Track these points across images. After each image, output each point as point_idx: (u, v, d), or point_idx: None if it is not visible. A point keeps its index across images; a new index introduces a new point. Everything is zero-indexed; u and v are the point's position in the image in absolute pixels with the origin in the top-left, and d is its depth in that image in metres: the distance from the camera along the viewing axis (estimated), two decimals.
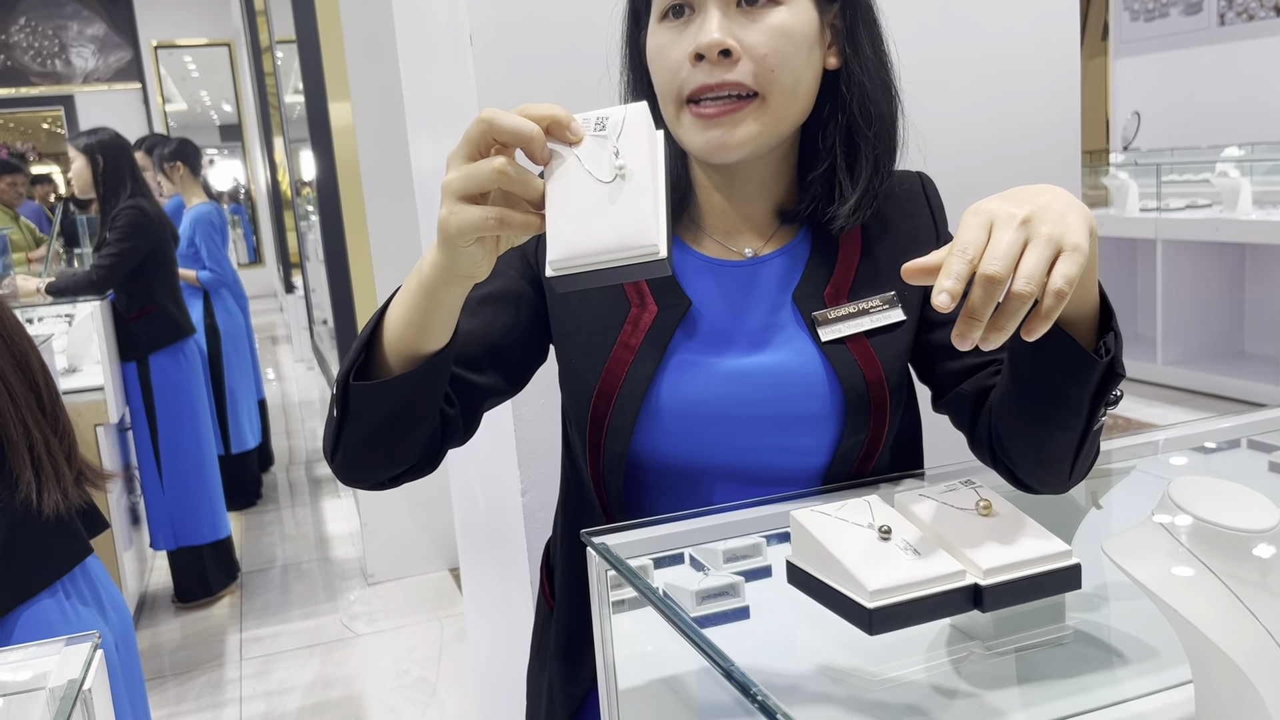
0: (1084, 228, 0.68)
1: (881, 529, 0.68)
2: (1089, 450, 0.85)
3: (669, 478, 0.99)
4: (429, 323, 0.80)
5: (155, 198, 3.64)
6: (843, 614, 0.66)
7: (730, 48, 0.86)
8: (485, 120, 0.69)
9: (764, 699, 0.60)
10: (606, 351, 0.96)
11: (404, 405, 0.84)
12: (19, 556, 1.34)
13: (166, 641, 3.54)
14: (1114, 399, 0.80)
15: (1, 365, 1.37)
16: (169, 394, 3.56)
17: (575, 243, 0.66)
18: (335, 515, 4.69)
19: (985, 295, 0.65)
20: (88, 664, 0.71)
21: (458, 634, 3.40)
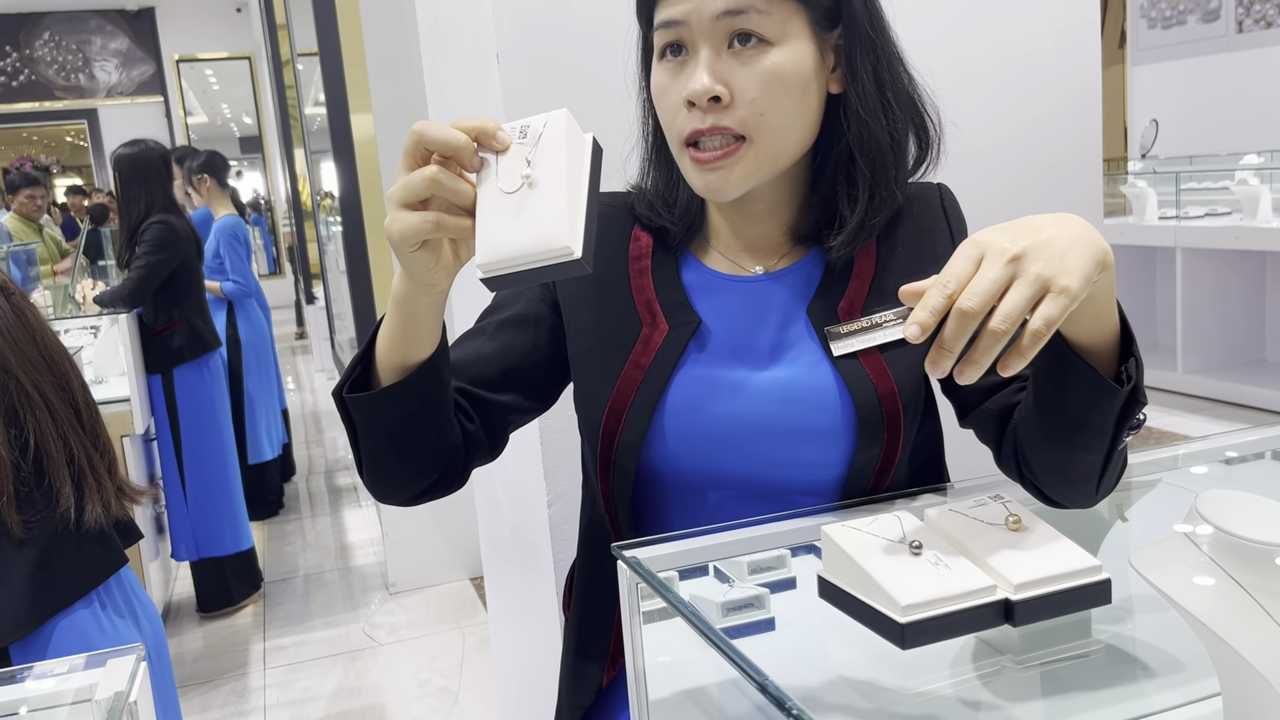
0: (1083, 267, 0.69)
1: (913, 544, 0.69)
2: (1114, 468, 0.85)
3: (683, 493, 1.00)
4: (407, 333, 0.84)
5: (183, 211, 3.68)
6: (874, 628, 0.67)
7: (719, 94, 0.87)
8: (416, 132, 0.73)
9: (799, 713, 0.61)
10: (618, 370, 0.98)
11: (402, 415, 0.87)
12: (56, 567, 1.37)
13: (190, 650, 3.56)
14: (1137, 423, 0.81)
15: (41, 384, 1.40)
16: (193, 406, 3.59)
17: (496, 248, 0.70)
18: (357, 525, 4.72)
19: (957, 328, 0.66)
20: (133, 676, 0.73)
21: (479, 643, 3.41)
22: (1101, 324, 0.77)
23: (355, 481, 5.37)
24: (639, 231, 1.04)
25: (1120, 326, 0.78)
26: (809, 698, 0.78)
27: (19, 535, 1.33)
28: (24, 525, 1.34)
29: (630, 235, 1.04)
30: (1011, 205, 1.68)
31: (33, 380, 1.38)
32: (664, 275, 1.01)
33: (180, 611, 3.89)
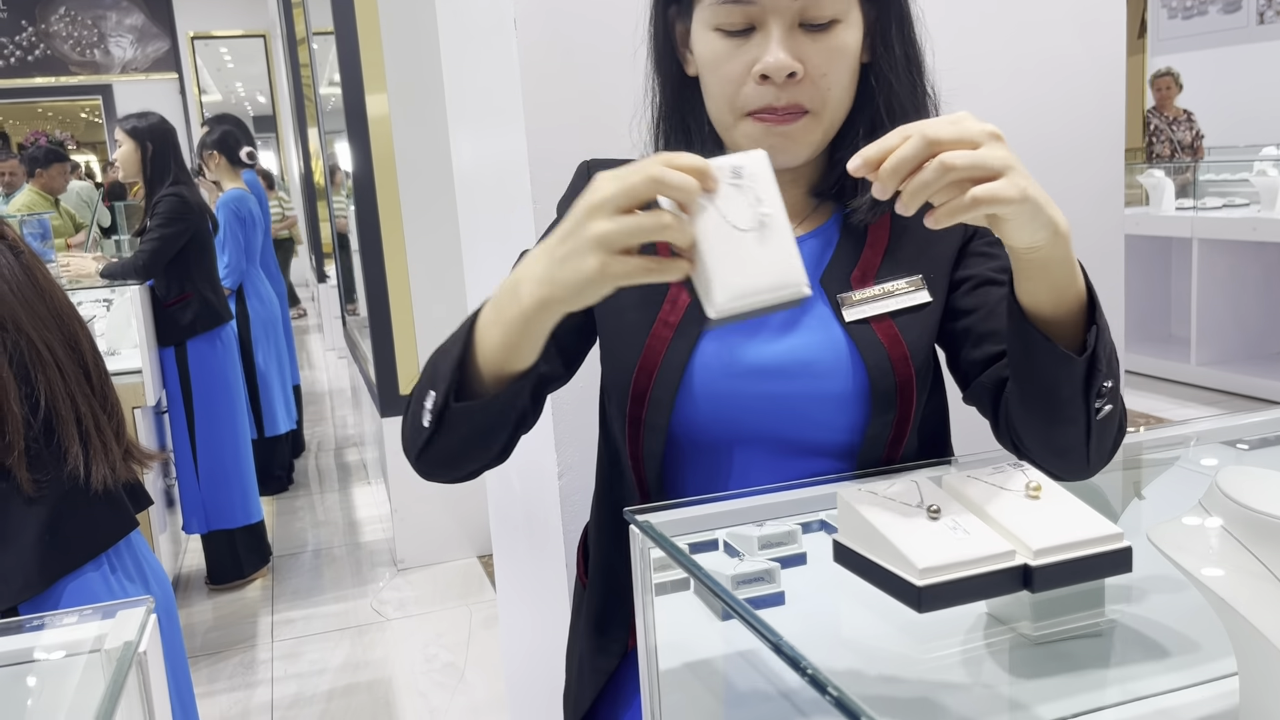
0: (1046, 203, 0.71)
1: (930, 508, 0.68)
2: (1102, 440, 0.85)
3: (704, 451, 1.00)
4: (524, 346, 0.82)
5: (195, 185, 3.68)
6: (891, 592, 0.66)
7: (796, 70, 0.88)
8: (655, 178, 0.70)
9: (814, 673, 0.60)
10: (646, 329, 0.98)
11: (495, 418, 0.87)
12: (66, 528, 1.37)
13: (199, 622, 3.58)
14: (1105, 391, 0.80)
15: (51, 342, 1.39)
16: (205, 379, 3.60)
17: (736, 288, 0.70)
18: (366, 501, 4.73)
19: (912, 150, 0.68)
20: (142, 627, 0.72)
21: (486, 620, 3.42)
22: (1061, 293, 0.78)
23: (365, 458, 5.38)
24: None
25: (1086, 296, 0.79)
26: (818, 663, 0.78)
27: (29, 493, 1.33)
28: (34, 483, 1.34)
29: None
30: None
31: (43, 338, 1.38)
32: None
33: (190, 584, 3.90)
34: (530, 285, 0.77)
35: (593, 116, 1.43)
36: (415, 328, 3.81)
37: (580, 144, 1.41)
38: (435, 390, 0.85)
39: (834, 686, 0.58)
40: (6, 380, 1.32)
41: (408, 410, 0.91)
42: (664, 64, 1.00)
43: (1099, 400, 0.81)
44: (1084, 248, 1.69)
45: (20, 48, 10.70)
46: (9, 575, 1.32)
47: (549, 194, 1.39)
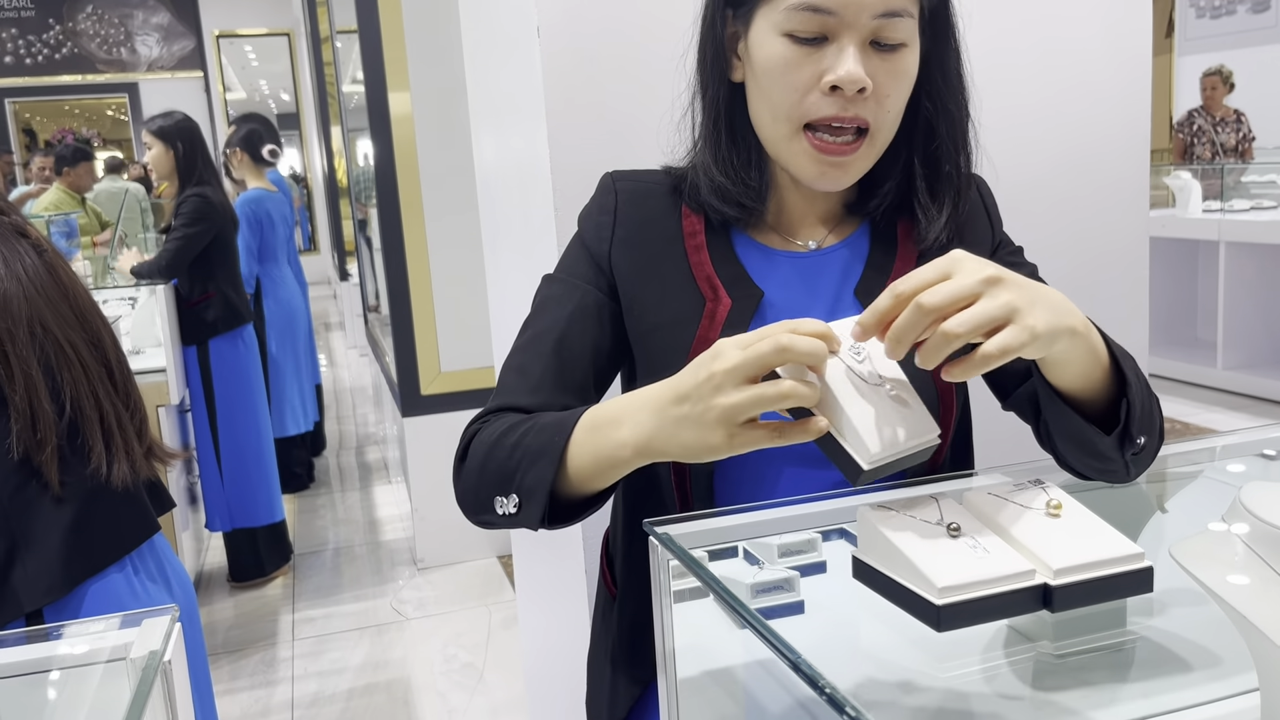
0: (1053, 321, 0.71)
1: (950, 526, 0.68)
2: (1148, 458, 0.88)
3: (746, 465, 1.01)
4: (612, 476, 0.87)
5: (221, 184, 3.71)
6: (910, 610, 0.66)
7: (868, 86, 0.89)
8: (784, 347, 0.72)
9: (831, 691, 0.60)
10: (687, 345, 0.99)
11: (584, 516, 0.93)
12: (90, 531, 1.38)
13: (221, 620, 3.61)
14: (1139, 444, 0.83)
15: (75, 340, 1.41)
16: (228, 378, 3.63)
17: (883, 440, 0.72)
18: (386, 500, 4.76)
19: (910, 320, 0.69)
20: (167, 636, 0.73)
21: (505, 621, 3.43)
22: (1086, 376, 0.81)
23: (386, 457, 5.41)
24: (686, 212, 1.03)
25: (1114, 370, 0.82)
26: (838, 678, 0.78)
27: (57, 493, 1.35)
28: (62, 483, 1.35)
29: (680, 212, 1.04)
30: (1057, 197, 1.65)
31: (67, 337, 1.39)
32: (719, 250, 1.02)
33: (211, 581, 3.93)
34: (635, 434, 0.81)
35: (615, 126, 1.43)
36: (437, 328, 3.83)
37: (602, 153, 1.41)
38: (517, 497, 0.89)
39: (852, 707, 0.58)
40: (36, 379, 1.34)
41: (468, 478, 0.94)
42: (716, 67, 0.99)
43: (1134, 449, 0.84)
44: (1109, 251, 1.69)
45: (48, 46, 10.80)
46: (34, 578, 1.33)
47: (570, 203, 1.40)
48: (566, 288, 1.04)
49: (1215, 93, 6.61)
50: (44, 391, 1.35)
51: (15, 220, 1.43)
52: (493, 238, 1.90)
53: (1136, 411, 0.82)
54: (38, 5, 10.68)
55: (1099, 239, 1.68)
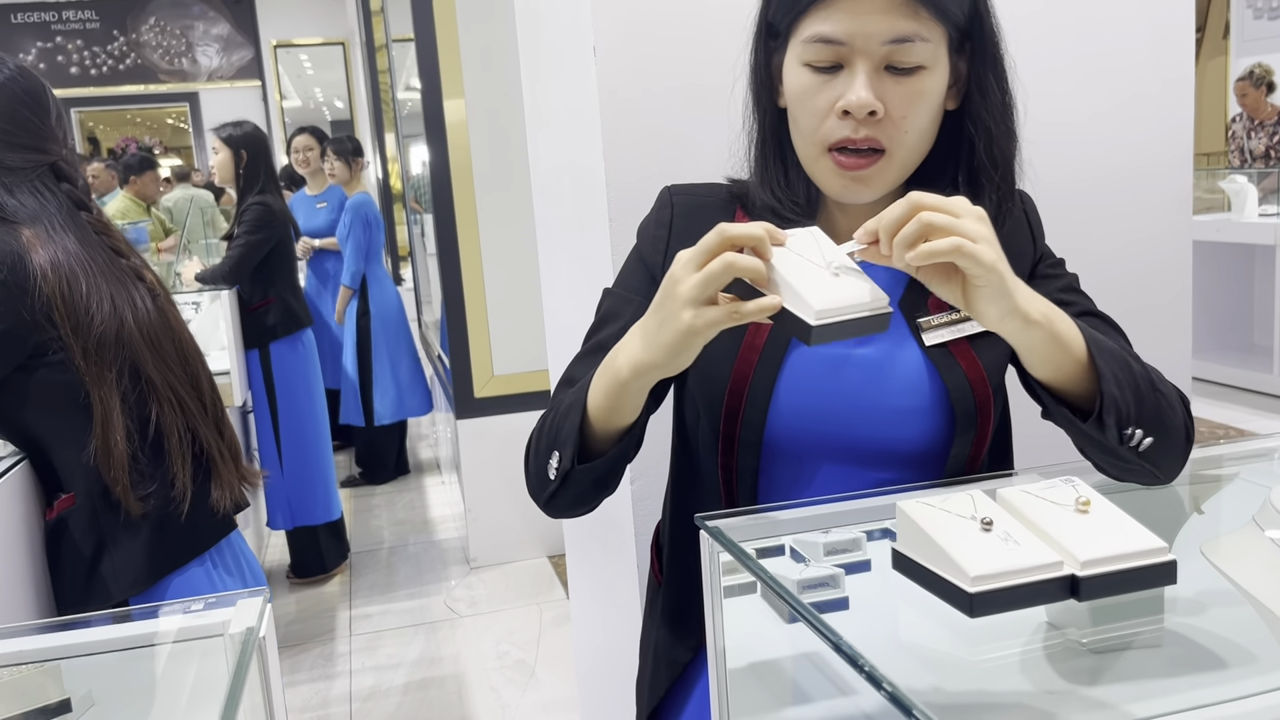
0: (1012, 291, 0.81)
1: (983, 520, 0.73)
2: (1168, 457, 0.92)
3: (791, 463, 1.06)
4: (629, 404, 0.93)
5: (281, 193, 3.83)
6: (945, 597, 0.71)
7: (877, 109, 0.94)
8: (720, 230, 0.81)
9: (870, 669, 0.65)
10: (735, 351, 1.04)
11: (609, 469, 0.98)
12: (172, 531, 1.47)
13: (281, 615, 3.72)
14: (1133, 436, 0.88)
15: (173, 380, 1.50)
16: (289, 381, 3.74)
17: (827, 298, 0.79)
18: (440, 500, 4.85)
19: (899, 208, 0.80)
20: (261, 614, 0.80)
21: (556, 619, 3.50)
22: (1057, 369, 0.87)
23: (439, 457, 5.51)
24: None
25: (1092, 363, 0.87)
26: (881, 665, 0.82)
27: (135, 512, 1.44)
28: (140, 503, 1.44)
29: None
30: (1100, 203, 1.68)
31: (164, 377, 1.48)
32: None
33: (271, 578, 4.05)
34: (628, 357, 0.89)
35: (668, 140, 1.48)
36: (490, 331, 3.91)
37: (656, 168, 1.46)
38: (559, 451, 0.96)
39: (888, 683, 0.63)
40: (116, 420, 1.42)
41: (530, 462, 1.03)
42: (763, 95, 1.05)
43: (1131, 441, 0.88)
44: (1151, 257, 1.71)
45: (112, 57, 11.09)
46: (120, 571, 1.42)
47: (624, 214, 1.45)
48: (621, 301, 1.09)
49: (1247, 98, 6.51)
50: (121, 431, 1.42)
51: (135, 264, 1.53)
52: (548, 245, 1.96)
53: (1119, 403, 0.86)
54: (102, 18, 10.98)
55: (1142, 245, 1.71)
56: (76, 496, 1.43)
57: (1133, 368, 0.90)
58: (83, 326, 1.40)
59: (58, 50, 10.91)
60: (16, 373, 1.40)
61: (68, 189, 1.49)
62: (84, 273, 1.42)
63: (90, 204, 1.53)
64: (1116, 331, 1.04)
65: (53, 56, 10.88)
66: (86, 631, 0.86)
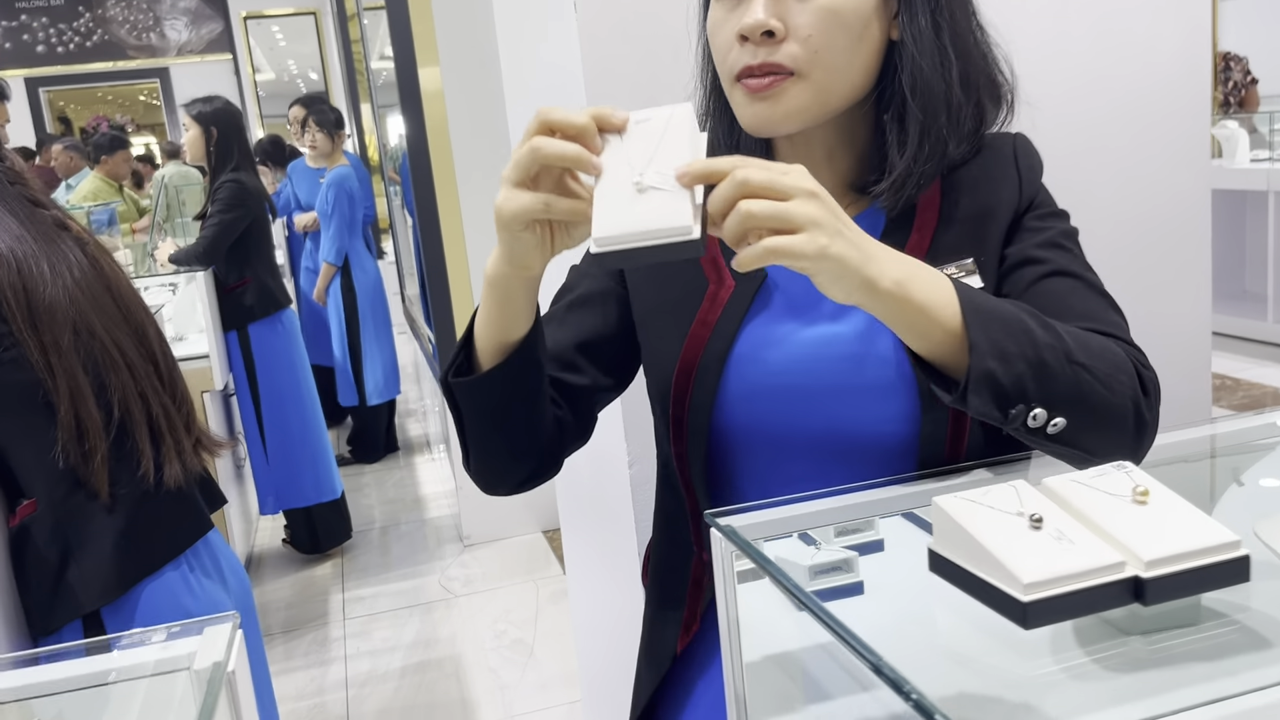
0: (854, 262, 0.72)
1: (1033, 517, 0.65)
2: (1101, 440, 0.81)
3: (754, 454, 0.98)
4: (503, 314, 0.87)
5: (256, 170, 3.72)
6: (993, 605, 0.63)
7: (773, 28, 0.87)
8: (539, 114, 0.76)
9: (919, 698, 0.58)
10: (685, 329, 0.97)
11: (504, 395, 0.90)
12: (142, 533, 1.38)
13: (273, 600, 3.65)
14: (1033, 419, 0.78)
15: (121, 340, 1.40)
16: (269, 362, 3.65)
17: (616, 223, 0.72)
18: (430, 477, 4.78)
19: (724, 190, 0.71)
20: (229, 645, 0.72)
21: (553, 596, 3.44)
22: (923, 340, 0.78)
23: (428, 433, 5.43)
24: None
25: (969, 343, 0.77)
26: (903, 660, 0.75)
27: (104, 502, 1.35)
28: (110, 490, 1.35)
29: None
30: (1115, 152, 1.60)
31: (113, 338, 1.39)
32: None
33: (262, 562, 3.98)
34: (493, 251, 0.84)
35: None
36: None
37: None
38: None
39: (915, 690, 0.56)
40: (83, 387, 1.34)
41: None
42: (704, 50, 1.00)
43: (1027, 421, 0.78)
44: (1170, 206, 1.63)
45: (78, 34, 10.85)
46: (89, 580, 1.34)
47: None
48: (578, 275, 1.06)
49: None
50: (91, 400, 1.34)
51: (56, 215, 1.43)
52: None
53: (999, 379, 0.76)
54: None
55: (1158, 193, 1.63)
56: (38, 502, 1.35)
57: (1036, 337, 0.79)
58: (35, 309, 1.31)
59: (23, 29, 10.67)
60: None
61: None
62: (29, 255, 1.32)
63: (2, 152, 1.42)
64: (1099, 296, 0.92)
65: (18, 35, 10.64)
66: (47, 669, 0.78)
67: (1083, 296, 0.91)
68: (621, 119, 0.76)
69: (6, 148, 1.48)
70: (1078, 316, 0.87)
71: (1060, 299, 0.90)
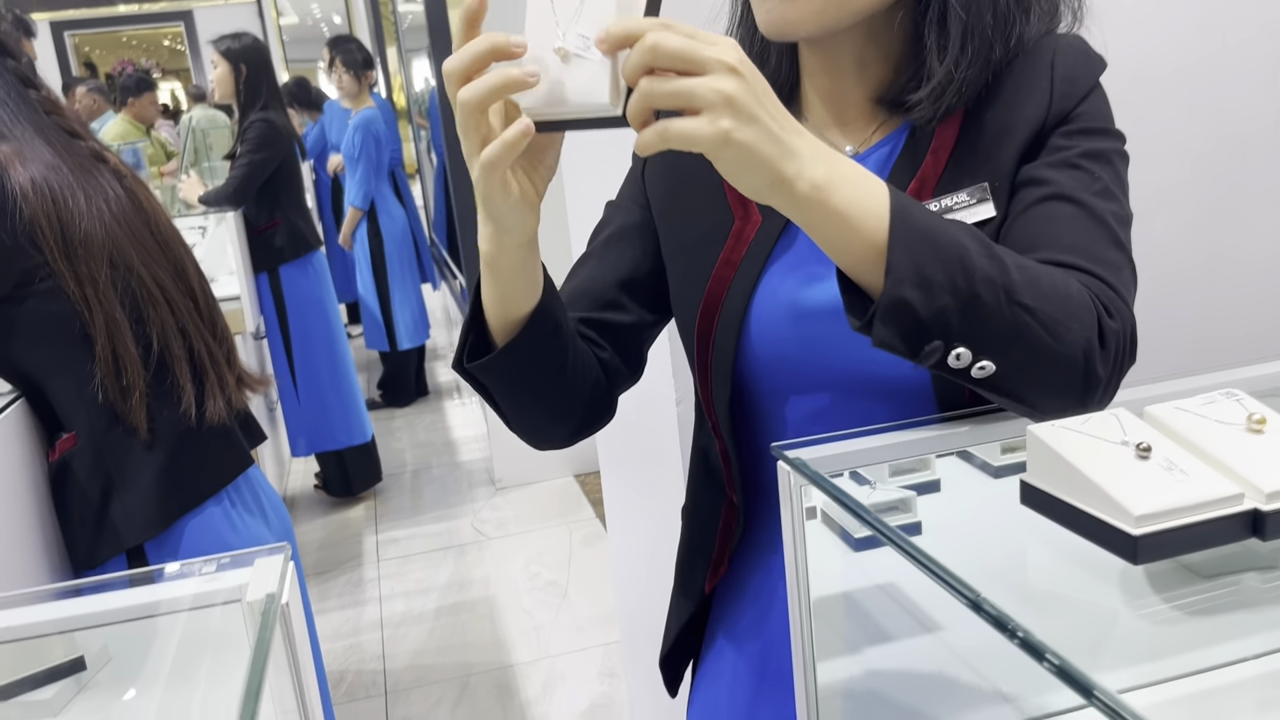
0: (765, 153, 0.64)
1: (1140, 446, 0.61)
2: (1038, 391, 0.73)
3: (773, 396, 0.94)
4: (508, 290, 0.81)
5: (285, 109, 3.66)
6: (1098, 540, 0.59)
7: None
8: (444, 74, 0.69)
9: (1024, 635, 0.54)
10: (709, 270, 0.92)
11: (527, 369, 0.84)
12: (184, 468, 1.36)
13: (307, 543, 3.67)
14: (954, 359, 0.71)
15: (160, 275, 1.37)
16: (300, 304, 3.63)
17: (539, 95, 0.67)
18: (461, 422, 4.78)
19: (634, 57, 0.63)
20: (282, 577, 0.69)
21: (586, 539, 3.44)
22: (843, 253, 0.70)
23: (458, 379, 5.43)
24: None
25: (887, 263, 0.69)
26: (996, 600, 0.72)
27: (144, 438, 1.32)
28: (150, 429, 1.33)
29: None
30: (1185, 71, 1.52)
31: (152, 273, 1.36)
32: None
33: (296, 505, 3.99)
34: (480, 228, 0.78)
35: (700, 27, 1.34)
36: None
37: None
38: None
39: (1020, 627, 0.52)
40: (121, 322, 1.31)
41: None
42: None
43: (942, 360, 0.71)
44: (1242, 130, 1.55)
45: None
46: (131, 515, 1.32)
47: None
48: (613, 210, 1.02)
49: None
50: (129, 335, 1.32)
51: (93, 146, 1.39)
52: (568, 151, 1.82)
53: (916, 309, 0.68)
54: None
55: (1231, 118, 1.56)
56: (78, 435, 1.33)
57: (973, 267, 0.69)
58: (70, 242, 1.28)
59: None
60: (3, 304, 1.28)
61: (12, 65, 1.34)
62: (64, 185, 1.29)
63: (37, 81, 1.39)
64: (1098, 227, 0.80)
65: None
66: (91, 600, 0.76)
67: (1075, 226, 0.80)
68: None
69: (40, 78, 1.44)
70: (1063, 249, 0.78)
71: (1047, 227, 0.80)
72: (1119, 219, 0.82)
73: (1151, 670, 0.60)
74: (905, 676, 0.96)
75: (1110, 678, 0.50)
